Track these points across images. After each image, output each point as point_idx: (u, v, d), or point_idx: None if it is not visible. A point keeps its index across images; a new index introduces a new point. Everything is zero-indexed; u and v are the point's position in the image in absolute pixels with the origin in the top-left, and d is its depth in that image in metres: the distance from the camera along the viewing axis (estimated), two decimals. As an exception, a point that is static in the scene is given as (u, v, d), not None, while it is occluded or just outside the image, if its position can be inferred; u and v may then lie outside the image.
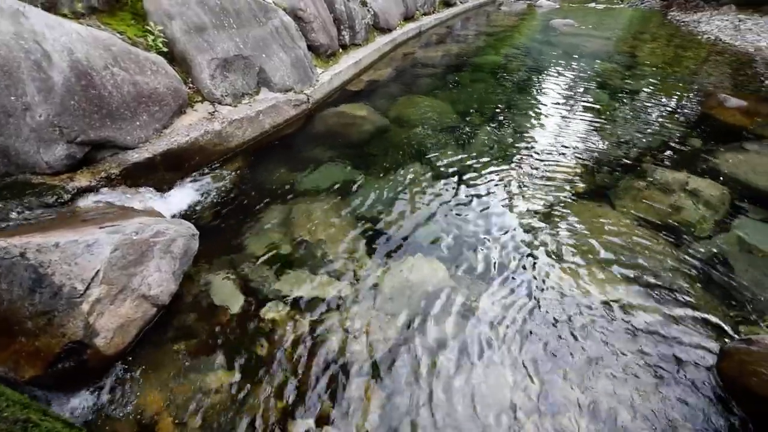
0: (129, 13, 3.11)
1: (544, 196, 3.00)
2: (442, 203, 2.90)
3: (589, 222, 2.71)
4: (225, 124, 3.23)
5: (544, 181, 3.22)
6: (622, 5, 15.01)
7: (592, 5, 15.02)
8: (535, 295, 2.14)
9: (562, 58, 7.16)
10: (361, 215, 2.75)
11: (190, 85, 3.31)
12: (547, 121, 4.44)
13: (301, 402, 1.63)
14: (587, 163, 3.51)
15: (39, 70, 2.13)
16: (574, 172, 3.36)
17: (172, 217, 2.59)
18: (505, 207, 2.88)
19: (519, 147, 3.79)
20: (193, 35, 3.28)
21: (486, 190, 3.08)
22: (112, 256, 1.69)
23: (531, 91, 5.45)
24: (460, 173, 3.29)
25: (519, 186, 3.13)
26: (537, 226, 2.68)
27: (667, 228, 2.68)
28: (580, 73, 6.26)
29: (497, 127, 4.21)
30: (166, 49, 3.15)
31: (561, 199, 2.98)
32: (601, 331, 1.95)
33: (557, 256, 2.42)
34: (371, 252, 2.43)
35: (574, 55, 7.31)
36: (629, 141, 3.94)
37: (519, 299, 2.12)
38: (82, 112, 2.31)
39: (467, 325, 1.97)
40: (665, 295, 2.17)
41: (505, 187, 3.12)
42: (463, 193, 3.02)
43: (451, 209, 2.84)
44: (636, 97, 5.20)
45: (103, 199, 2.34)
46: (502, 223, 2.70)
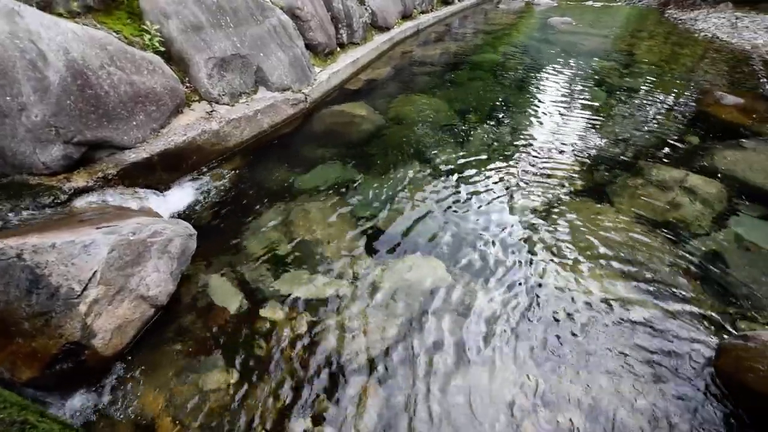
0: (125, 12, 3.09)
1: (542, 194, 3.01)
2: (440, 201, 2.90)
3: (588, 219, 2.72)
4: (223, 124, 3.22)
5: (542, 178, 3.22)
6: (619, 3, 15.01)
7: (590, 3, 15.02)
8: (534, 292, 2.15)
9: (559, 56, 7.16)
10: (360, 214, 2.75)
11: (188, 84, 3.30)
12: (545, 119, 4.44)
13: (299, 401, 1.63)
14: (585, 161, 3.51)
15: (34, 69, 2.12)
16: (572, 170, 3.36)
17: (170, 217, 2.58)
18: (503, 204, 2.88)
19: (517, 145, 3.79)
20: (190, 34, 3.26)
21: (484, 187, 3.08)
22: (110, 256, 1.69)
23: (529, 89, 5.44)
24: (458, 171, 3.29)
25: (517, 183, 3.14)
26: (535, 223, 2.69)
27: (665, 225, 2.69)
28: (577, 71, 6.26)
29: (495, 125, 4.21)
30: (162, 49, 3.13)
31: (559, 196, 2.99)
32: (598, 328, 1.96)
33: (555, 253, 2.42)
34: (370, 251, 2.43)
35: (572, 53, 7.31)
36: (627, 138, 3.95)
37: (517, 296, 2.12)
38: (78, 112, 2.30)
39: (466, 323, 1.97)
40: (663, 291, 2.18)
41: (503, 184, 3.12)
42: (462, 191, 3.02)
43: (449, 207, 2.84)
44: (633, 94, 5.21)
45: (100, 200, 2.33)
46: (500, 221, 2.71)
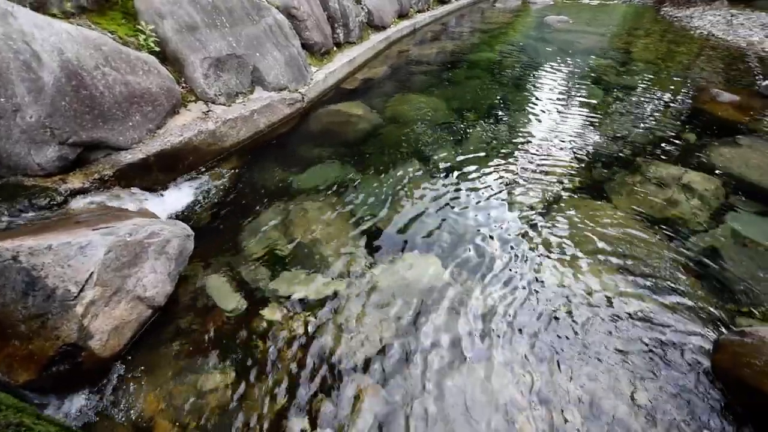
0: (119, 13, 3.07)
1: (540, 191, 3.01)
2: (438, 199, 2.90)
3: (586, 216, 2.72)
4: (219, 124, 3.21)
5: (540, 176, 3.23)
6: (615, 1, 15.03)
7: (586, 1, 15.03)
8: (532, 289, 2.15)
9: (556, 54, 7.17)
10: (357, 213, 2.74)
11: (183, 84, 3.29)
12: (542, 116, 4.44)
13: (297, 401, 1.63)
14: (583, 158, 3.52)
15: (28, 70, 2.10)
16: (570, 167, 3.37)
17: (167, 217, 2.57)
18: (501, 202, 2.88)
19: (515, 143, 3.79)
20: (185, 34, 3.25)
21: (482, 185, 3.08)
22: (106, 257, 1.68)
23: (526, 87, 5.45)
24: (455, 169, 3.29)
25: (515, 181, 3.14)
26: (533, 220, 2.69)
27: (663, 222, 2.69)
28: (574, 69, 6.27)
29: (492, 123, 4.21)
30: (158, 49, 3.12)
31: (557, 193, 2.99)
32: (596, 324, 1.96)
33: (553, 249, 2.43)
34: (368, 250, 2.42)
35: (569, 52, 7.32)
36: (624, 136, 3.96)
37: (515, 293, 2.12)
38: (73, 113, 2.28)
39: (464, 320, 1.97)
40: (661, 287, 2.18)
41: (501, 182, 3.12)
42: (459, 189, 3.02)
43: (447, 205, 2.84)
44: (630, 92, 5.22)
45: (96, 201, 2.32)
46: (498, 218, 2.71)
